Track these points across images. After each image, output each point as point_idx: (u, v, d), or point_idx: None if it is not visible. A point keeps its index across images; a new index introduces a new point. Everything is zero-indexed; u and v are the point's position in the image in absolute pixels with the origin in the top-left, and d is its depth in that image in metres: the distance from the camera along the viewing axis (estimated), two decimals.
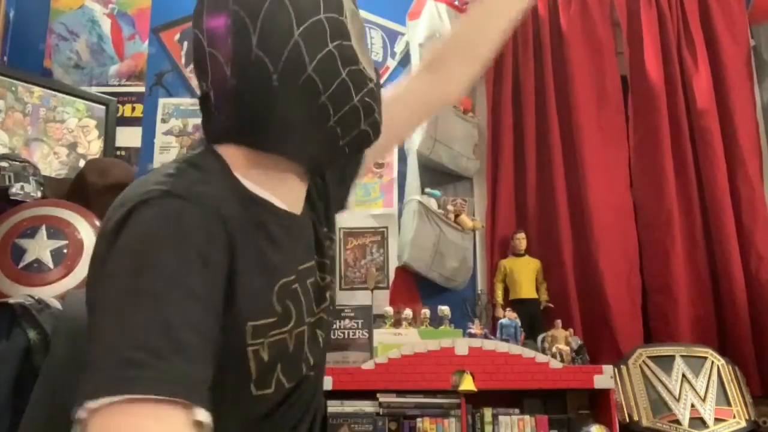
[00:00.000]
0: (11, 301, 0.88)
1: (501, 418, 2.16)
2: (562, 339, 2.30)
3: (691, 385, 2.26)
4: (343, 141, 0.77)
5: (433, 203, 2.56)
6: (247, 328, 0.67)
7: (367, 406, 2.10)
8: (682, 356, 2.33)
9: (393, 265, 2.61)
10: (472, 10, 1.08)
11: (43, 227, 1.86)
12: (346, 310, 2.23)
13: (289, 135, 0.75)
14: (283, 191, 0.78)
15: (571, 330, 2.37)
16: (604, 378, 2.15)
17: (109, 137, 2.66)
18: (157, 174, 0.72)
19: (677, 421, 2.18)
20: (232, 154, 0.76)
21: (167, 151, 2.73)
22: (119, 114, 2.73)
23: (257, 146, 0.76)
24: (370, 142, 0.82)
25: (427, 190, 2.59)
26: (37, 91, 2.53)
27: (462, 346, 2.14)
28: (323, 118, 0.74)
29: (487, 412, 2.17)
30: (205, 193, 0.67)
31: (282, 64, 0.72)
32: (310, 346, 0.80)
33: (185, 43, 2.86)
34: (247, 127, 0.75)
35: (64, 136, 2.56)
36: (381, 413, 2.11)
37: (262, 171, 0.76)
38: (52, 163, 2.50)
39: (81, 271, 1.82)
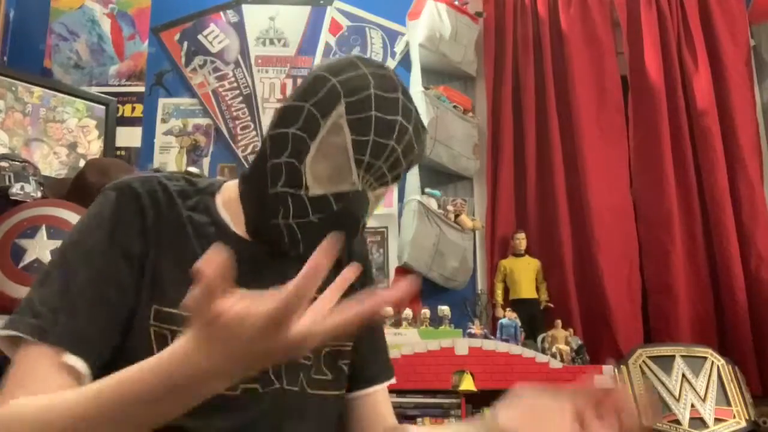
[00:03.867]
0: None
1: None
2: (562, 339, 2.30)
3: (691, 385, 2.26)
4: (272, 220, 0.79)
5: (433, 203, 2.56)
6: (151, 310, 0.73)
7: None
8: (682, 356, 2.33)
9: (393, 265, 2.61)
10: None
11: (43, 227, 1.86)
12: None
13: (249, 181, 0.85)
14: (240, 221, 0.84)
15: (571, 330, 2.37)
16: (604, 378, 2.15)
17: (109, 137, 2.66)
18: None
19: (677, 421, 2.18)
20: (230, 184, 0.89)
21: (167, 151, 2.74)
22: (119, 114, 2.74)
23: (239, 182, 0.88)
24: (285, 246, 0.79)
25: (427, 190, 2.59)
26: (37, 91, 2.53)
27: (462, 346, 2.14)
28: (264, 185, 0.80)
29: (487, 413, 2.16)
30: (138, 190, 0.77)
31: (272, 121, 0.83)
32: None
33: (185, 43, 2.86)
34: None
35: (64, 136, 2.56)
36: None
37: (234, 201, 0.85)
38: (52, 163, 2.50)
39: None
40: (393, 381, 0.96)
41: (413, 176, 2.61)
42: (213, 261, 0.50)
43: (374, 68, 0.80)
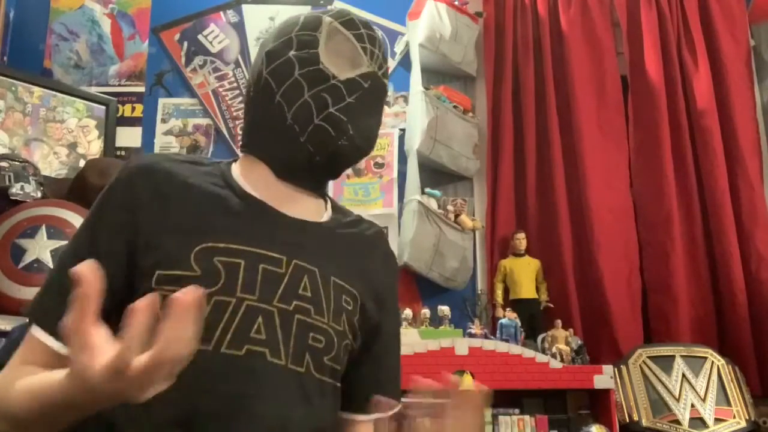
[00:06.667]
0: None
1: (501, 418, 2.16)
2: (562, 339, 2.30)
3: (691, 385, 2.26)
4: (303, 138, 0.83)
5: (433, 203, 2.56)
6: (154, 275, 0.76)
7: None
8: (682, 356, 2.33)
9: None
10: None
11: (43, 227, 1.87)
12: None
13: (253, 136, 0.90)
14: (259, 185, 0.86)
15: (571, 330, 2.37)
16: (604, 378, 2.16)
17: (109, 137, 2.66)
18: None
19: (677, 421, 2.18)
20: (239, 159, 0.93)
21: (167, 152, 2.73)
22: (119, 114, 2.74)
23: (244, 152, 0.91)
24: (333, 141, 0.83)
25: (427, 190, 2.59)
26: (37, 91, 2.53)
27: (462, 346, 2.14)
28: (280, 116, 0.84)
29: (487, 412, 2.17)
30: (137, 168, 0.82)
31: (253, 77, 0.89)
32: (268, 329, 0.77)
33: (185, 43, 2.86)
34: (242, 141, 0.93)
35: (64, 136, 2.56)
36: None
37: (247, 169, 0.89)
38: (52, 163, 2.50)
39: None
40: (384, 414, 0.91)
41: (413, 176, 2.61)
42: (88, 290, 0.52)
43: None
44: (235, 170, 0.88)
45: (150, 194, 0.80)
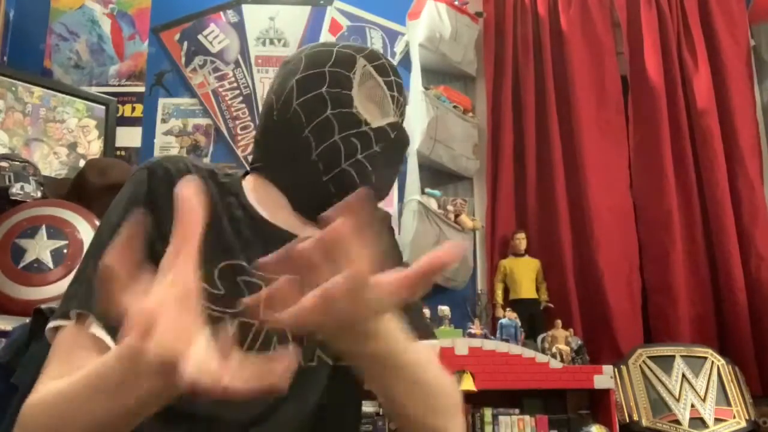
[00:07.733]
0: (43, 307, 0.94)
1: (501, 418, 2.16)
2: (562, 339, 2.30)
3: (691, 385, 2.26)
4: (326, 177, 0.83)
5: (433, 203, 2.56)
6: None
7: (367, 406, 2.09)
8: (682, 356, 2.33)
9: None
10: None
11: (43, 227, 1.87)
12: None
13: (271, 161, 0.88)
14: (270, 210, 0.85)
15: (571, 330, 2.37)
16: (604, 378, 2.16)
17: (109, 137, 2.66)
18: None
19: (677, 421, 2.18)
20: (250, 177, 0.91)
21: (167, 151, 2.73)
22: (119, 114, 2.73)
23: (258, 172, 0.89)
24: (355, 187, 0.74)
25: (427, 190, 2.59)
26: (37, 91, 2.53)
27: (462, 346, 2.14)
28: (306, 151, 0.83)
29: (487, 412, 2.17)
30: (157, 169, 0.79)
31: (278, 101, 0.87)
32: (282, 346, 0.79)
33: (185, 43, 2.86)
34: (254, 158, 0.91)
35: (64, 136, 2.56)
36: (381, 413, 2.11)
37: (260, 192, 0.87)
38: (52, 163, 2.50)
39: None
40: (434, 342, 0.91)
41: (413, 176, 2.61)
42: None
43: None
44: (248, 190, 0.86)
45: (168, 193, 0.77)
